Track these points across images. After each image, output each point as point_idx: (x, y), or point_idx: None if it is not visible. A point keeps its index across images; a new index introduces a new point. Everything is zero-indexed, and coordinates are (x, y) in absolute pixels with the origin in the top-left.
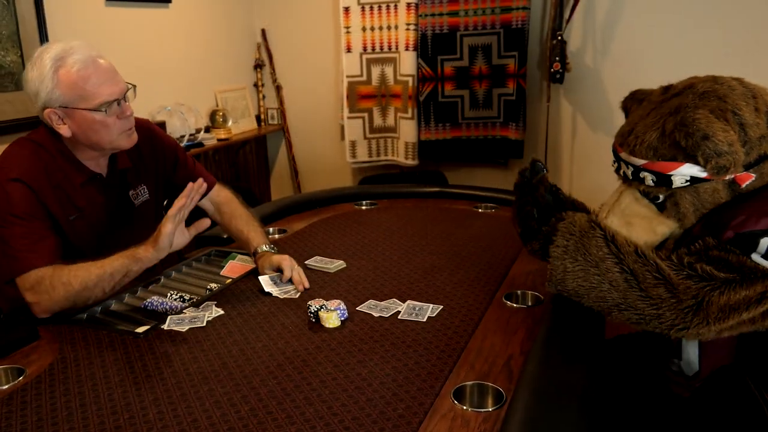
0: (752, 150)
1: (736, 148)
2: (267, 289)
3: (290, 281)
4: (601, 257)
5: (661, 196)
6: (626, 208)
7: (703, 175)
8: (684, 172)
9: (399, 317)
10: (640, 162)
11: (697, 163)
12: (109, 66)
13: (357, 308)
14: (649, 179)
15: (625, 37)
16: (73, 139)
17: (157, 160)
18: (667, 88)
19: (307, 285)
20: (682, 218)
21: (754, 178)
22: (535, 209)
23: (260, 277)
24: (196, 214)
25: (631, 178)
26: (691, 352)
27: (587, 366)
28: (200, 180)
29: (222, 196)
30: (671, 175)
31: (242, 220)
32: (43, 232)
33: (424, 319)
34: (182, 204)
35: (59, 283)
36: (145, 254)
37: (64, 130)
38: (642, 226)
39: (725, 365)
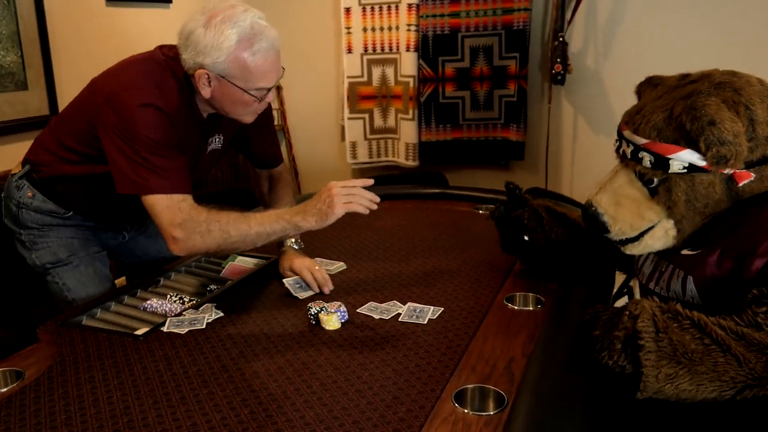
0: (757, 148)
1: (740, 141)
2: (294, 294)
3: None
4: (703, 351)
5: (656, 180)
6: (619, 188)
7: (702, 164)
8: (683, 158)
9: (399, 319)
10: (642, 141)
11: (698, 150)
12: (278, 53)
13: (357, 310)
14: (647, 160)
15: (627, 38)
16: (206, 98)
17: (253, 128)
18: (684, 76)
19: (331, 286)
20: (672, 206)
21: (752, 178)
22: (525, 235)
23: (285, 282)
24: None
25: (629, 156)
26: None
27: (589, 368)
28: (371, 180)
29: (276, 174)
30: (670, 159)
31: (280, 203)
32: (181, 162)
33: (425, 322)
34: (352, 187)
35: (217, 228)
36: (307, 225)
37: (206, 92)
38: (630, 208)
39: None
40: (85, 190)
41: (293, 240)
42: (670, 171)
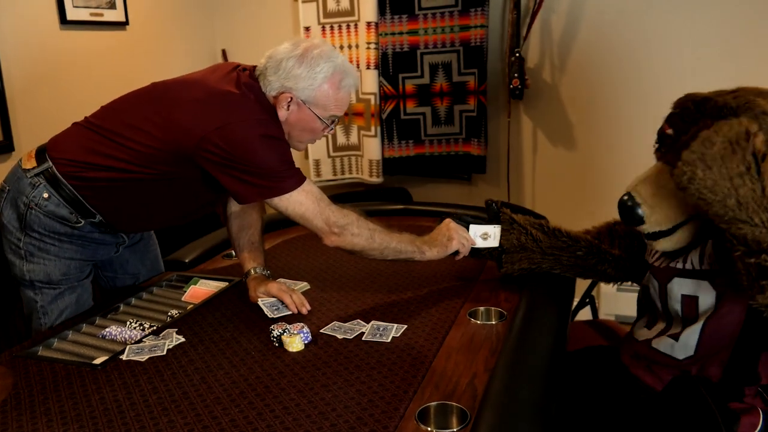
0: None
1: None
2: (270, 315)
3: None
4: (739, 173)
5: None
6: (659, 179)
7: None
8: None
9: (363, 338)
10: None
11: None
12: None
13: (321, 330)
14: None
15: (582, 52)
16: (281, 120)
17: None
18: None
19: (308, 307)
20: None
21: None
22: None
23: (261, 303)
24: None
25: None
26: (692, 335)
27: (551, 381)
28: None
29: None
30: None
31: (248, 234)
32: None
33: (389, 340)
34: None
35: (366, 229)
36: (430, 254)
37: (283, 114)
38: (669, 199)
39: (678, 376)
40: (117, 196)
41: (261, 267)
42: None
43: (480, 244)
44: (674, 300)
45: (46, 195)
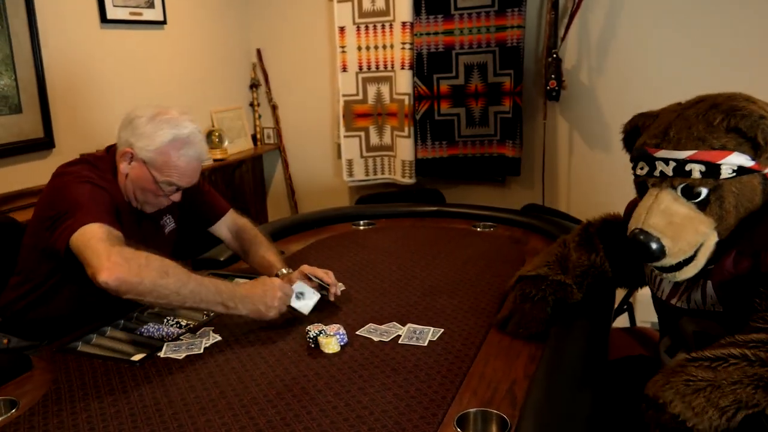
0: None
1: None
2: (292, 304)
3: (311, 294)
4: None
5: (704, 192)
6: (666, 208)
7: (751, 164)
8: (733, 161)
9: (399, 341)
10: (688, 153)
11: (745, 152)
12: (200, 166)
13: (356, 332)
14: (697, 171)
15: (620, 54)
16: (122, 177)
17: (186, 193)
18: (680, 103)
19: (339, 291)
20: (724, 215)
21: None
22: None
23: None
24: (209, 239)
25: (672, 174)
26: None
27: (592, 390)
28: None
29: (240, 223)
30: (721, 165)
31: (264, 246)
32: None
33: (425, 343)
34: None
35: (157, 264)
36: (238, 312)
37: (124, 167)
38: (685, 225)
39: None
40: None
41: (287, 269)
42: (721, 177)
43: (293, 302)
44: (687, 335)
45: (5, 341)
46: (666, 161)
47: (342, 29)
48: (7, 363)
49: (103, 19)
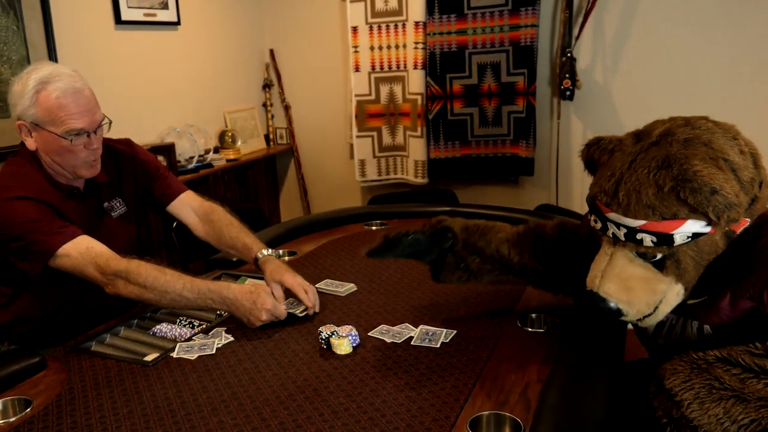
0: (747, 194)
1: (741, 198)
2: (290, 310)
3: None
4: (737, 380)
5: (659, 255)
6: (621, 271)
7: (707, 230)
8: (687, 230)
9: (412, 343)
10: (638, 223)
11: (699, 218)
12: (89, 99)
13: (369, 333)
14: (648, 240)
15: (635, 53)
16: (39, 153)
17: (137, 175)
18: (637, 135)
19: (317, 309)
20: (683, 273)
21: (748, 222)
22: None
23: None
24: (185, 233)
25: (624, 239)
26: None
27: (608, 393)
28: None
29: (206, 205)
30: (673, 234)
31: (234, 227)
32: (67, 224)
33: (438, 345)
34: (281, 309)
35: (141, 280)
36: (220, 306)
37: (30, 143)
38: (641, 288)
39: None
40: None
41: (267, 249)
42: (675, 245)
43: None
44: None
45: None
46: (617, 225)
47: (355, 29)
48: (22, 362)
49: (118, 20)
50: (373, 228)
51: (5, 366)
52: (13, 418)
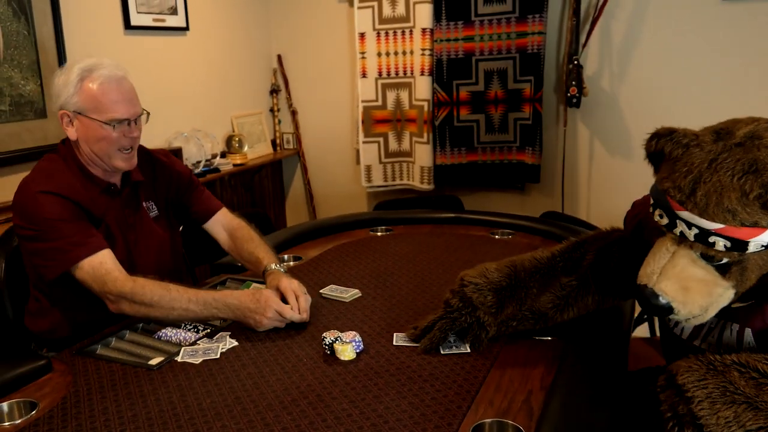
0: None
1: None
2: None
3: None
4: (754, 385)
5: (725, 259)
6: (682, 271)
7: None
8: (764, 239)
9: (416, 349)
10: (714, 226)
11: None
12: (130, 88)
13: (372, 339)
14: (722, 244)
15: (642, 61)
16: (78, 144)
17: (171, 183)
18: (717, 133)
19: (304, 317)
20: (744, 281)
21: None
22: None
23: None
24: (209, 242)
25: (693, 239)
26: None
27: (611, 402)
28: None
29: (236, 222)
30: (749, 242)
31: (254, 243)
32: (91, 229)
33: (442, 352)
34: (286, 316)
35: (146, 299)
36: (225, 314)
37: (71, 133)
38: (699, 290)
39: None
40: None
41: (276, 264)
42: (747, 252)
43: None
44: None
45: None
46: (689, 225)
47: (362, 35)
48: (28, 365)
49: (127, 25)
50: (379, 234)
51: (11, 368)
52: (19, 420)
